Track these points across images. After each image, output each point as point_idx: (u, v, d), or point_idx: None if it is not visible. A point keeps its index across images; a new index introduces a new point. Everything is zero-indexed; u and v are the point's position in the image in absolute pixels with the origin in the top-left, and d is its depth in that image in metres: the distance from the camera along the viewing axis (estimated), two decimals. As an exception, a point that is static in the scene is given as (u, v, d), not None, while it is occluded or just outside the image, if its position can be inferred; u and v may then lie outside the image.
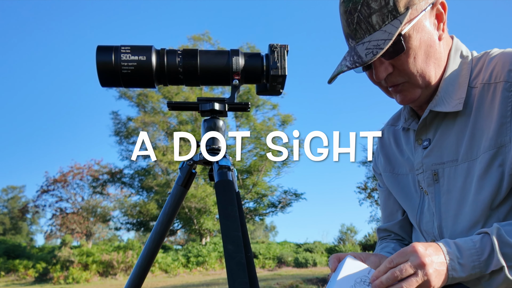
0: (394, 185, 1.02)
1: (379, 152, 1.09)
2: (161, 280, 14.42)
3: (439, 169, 0.89)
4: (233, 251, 0.73)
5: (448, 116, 0.88)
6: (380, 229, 1.12)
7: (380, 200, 1.14)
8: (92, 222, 23.45)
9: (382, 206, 1.12)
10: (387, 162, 1.05)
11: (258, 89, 0.98)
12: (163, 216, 0.95)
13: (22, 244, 22.70)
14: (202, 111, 0.93)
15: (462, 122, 0.86)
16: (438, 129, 0.90)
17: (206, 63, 0.90)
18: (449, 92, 0.87)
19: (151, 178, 20.04)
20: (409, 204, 0.98)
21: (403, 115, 0.99)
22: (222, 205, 0.81)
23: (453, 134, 0.87)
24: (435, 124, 0.91)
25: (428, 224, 0.93)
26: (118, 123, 21.15)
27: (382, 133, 1.09)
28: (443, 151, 0.89)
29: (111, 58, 0.87)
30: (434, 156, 0.90)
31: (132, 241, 18.09)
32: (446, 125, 0.89)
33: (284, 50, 0.92)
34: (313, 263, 17.83)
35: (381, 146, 1.08)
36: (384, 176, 1.06)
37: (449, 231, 0.87)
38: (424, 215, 0.93)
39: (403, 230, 1.07)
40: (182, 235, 27.04)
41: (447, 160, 0.88)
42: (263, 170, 20.33)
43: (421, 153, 0.92)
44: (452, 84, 0.87)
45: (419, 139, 0.94)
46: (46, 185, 23.41)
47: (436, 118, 0.90)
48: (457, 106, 0.85)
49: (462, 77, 0.87)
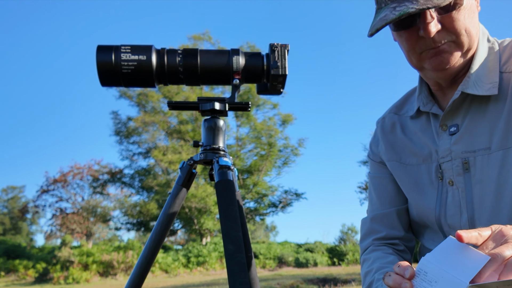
0: (404, 176, 0.95)
1: (380, 140, 1.02)
2: (162, 280, 14.42)
3: (470, 158, 0.83)
4: (234, 251, 0.73)
5: (478, 101, 0.83)
6: (374, 218, 1.00)
7: (373, 189, 1.04)
8: (92, 222, 23.46)
9: (376, 193, 1.02)
10: (391, 150, 0.99)
11: (259, 89, 0.97)
12: (164, 216, 0.94)
13: (22, 244, 22.71)
14: (202, 110, 0.93)
15: (496, 108, 0.81)
16: (467, 115, 0.84)
17: (207, 63, 0.90)
18: (480, 75, 0.82)
19: (151, 178, 20.05)
20: (422, 197, 0.91)
21: (420, 100, 0.93)
22: (222, 205, 0.80)
23: (486, 121, 0.82)
24: (464, 109, 0.85)
25: (454, 217, 0.85)
26: (118, 122, 21.18)
27: (384, 120, 1.04)
28: (474, 138, 0.83)
29: (111, 57, 0.86)
30: (464, 143, 0.84)
31: (132, 241, 18.10)
32: (476, 111, 0.83)
33: (284, 49, 0.91)
34: (314, 263, 17.83)
35: (383, 133, 1.02)
36: (390, 165, 0.99)
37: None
38: (448, 207, 0.86)
39: (401, 220, 0.97)
40: (182, 235, 27.06)
41: (479, 148, 0.82)
42: (263, 170, 20.33)
43: (449, 140, 0.86)
44: (482, 67, 0.83)
45: (444, 124, 0.87)
46: (46, 185, 23.45)
47: (464, 103, 0.85)
48: (491, 90, 0.81)
49: (491, 62, 0.84)
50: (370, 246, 0.99)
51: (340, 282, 9.49)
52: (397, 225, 0.98)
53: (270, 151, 20.31)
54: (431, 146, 0.90)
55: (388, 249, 0.96)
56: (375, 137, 1.06)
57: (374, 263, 0.92)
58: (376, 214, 1.00)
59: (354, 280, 9.53)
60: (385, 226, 0.98)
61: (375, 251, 0.96)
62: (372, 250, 0.97)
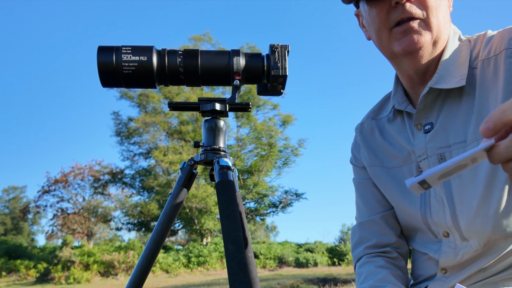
0: (387, 179, 0.95)
1: (361, 146, 1.02)
2: (162, 280, 14.42)
3: (446, 153, 0.83)
4: (234, 251, 0.73)
5: (451, 96, 0.84)
6: (363, 225, 0.99)
7: (358, 195, 1.04)
8: (93, 222, 23.47)
9: (362, 200, 1.02)
10: (373, 155, 0.99)
11: (259, 89, 0.98)
12: (164, 216, 0.95)
13: (23, 244, 22.73)
14: (203, 111, 0.93)
15: (467, 101, 0.81)
16: (441, 112, 0.85)
17: (207, 63, 0.90)
18: (450, 71, 0.83)
19: (152, 178, 20.06)
20: (407, 198, 0.91)
21: (395, 99, 0.94)
22: (223, 205, 0.80)
23: (459, 115, 0.82)
24: (437, 106, 0.86)
25: (439, 214, 0.85)
26: (119, 123, 21.20)
27: (362, 126, 1.04)
28: (449, 134, 0.83)
29: (112, 58, 0.86)
30: (439, 140, 0.84)
31: (133, 241, 18.10)
32: (450, 106, 0.84)
33: (285, 50, 0.91)
34: (314, 263, 17.81)
35: (363, 139, 1.02)
36: (372, 170, 0.99)
37: (466, 218, 0.81)
38: (432, 205, 0.86)
39: (390, 225, 0.97)
40: (183, 235, 27.05)
41: (455, 142, 0.82)
42: (264, 170, 20.32)
43: (424, 138, 0.87)
44: (452, 63, 0.84)
45: (418, 124, 0.88)
46: (47, 185, 23.47)
47: (437, 99, 0.86)
48: (459, 82, 0.81)
49: (462, 58, 0.84)
50: (363, 257, 0.98)
51: (340, 282, 9.49)
52: (387, 231, 0.97)
53: (270, 151, 20.30)
54: (407, 147, 0.91)
55: (381, 260, 0.94)
56: (356, 143, 1.06)
57: (366, 281, 0.91)
58: (364, 221, 1.00)
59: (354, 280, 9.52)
60: (375, 233, 0.98)
61: (367, 263, 0.95)
62: (364, 263, 0.96)
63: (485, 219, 0.79)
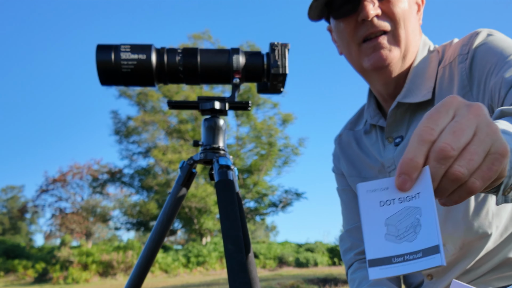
0: None
1: (340, 157, 1.05)
2: (161, 280, 14.42)
3: None
4: (234, 251, 0.73)
5: (420, 109, 0.85)
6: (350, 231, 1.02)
7: (342, 202, 1.07)
8: (92, 222, 23.47)
9: (347, 207, 1.04)
10: (351, 166, 1.01)
11: (259, 88, 0.97)
12: (163, 216, 0.94)
13: (21, 244, 22.69)
14: (202, 110, 0.93)
15: None
16: (410, 125, 0.86)
17: (207, 62, 0.90)
18: (417, 84, 0.84)
19: (151, 177, 20.05)
20: None
21: (368, 113, 0.96)
22: (222, 205, 0.80)
23: None
24: (407, 119, 0.87)
25: None
26: (118, 122, 21.16)
27: (341, 137, 1.06)
28: None
29: (111, 56, 0.86)
30: None
31: (132, 241, 18.09)
32: (419, 120, 0.85)
33: (285, 48, 0.91)
34: (314, 263, 17.83)
35: (341, 150, 1.04)
36: (351, 180, 1.02)
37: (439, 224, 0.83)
38: None
39: None
40: (182, 235, 27.05)
41: None
42: (263, 170, 20.34)
43: (393, 150, 0.89)
44: (420, 76, 0.85)
45: (389, 137, 0.90)
46: (45, 184, 23.44)
47: (406, 113, 0.87)
48: (426, 95, 0.83)
49: (430, 70, 0.86)
50: (354, 263, 1.00)
51: (341, 282, 9.50)
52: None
53: (270, 150, 20.31)
54: (379, 159, 0.93)
55: None
56: (336, 154, 1.08)
57: (360, 286, 0.93)
58: (351, 228, 1.02)
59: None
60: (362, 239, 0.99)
61: (359, 269, 0.98)
62: (357, 269, 0.98)
63: (455, 223, 0.81)
